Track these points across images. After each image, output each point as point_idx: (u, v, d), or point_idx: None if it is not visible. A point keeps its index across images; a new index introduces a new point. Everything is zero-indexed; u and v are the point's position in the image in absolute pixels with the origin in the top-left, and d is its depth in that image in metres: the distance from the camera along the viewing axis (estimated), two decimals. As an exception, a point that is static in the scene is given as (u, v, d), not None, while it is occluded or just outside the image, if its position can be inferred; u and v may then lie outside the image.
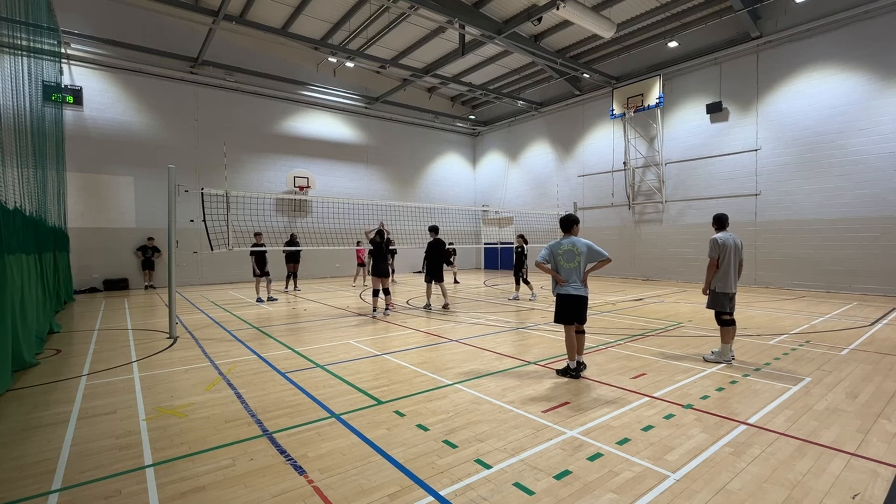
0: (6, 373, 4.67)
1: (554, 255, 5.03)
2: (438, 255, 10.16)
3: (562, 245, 4.99)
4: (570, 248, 4.94)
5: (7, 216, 5.25)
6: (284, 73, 17.86)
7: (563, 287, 4.95)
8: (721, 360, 5.46)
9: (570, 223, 5.12)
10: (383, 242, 9.14)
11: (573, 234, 5.09)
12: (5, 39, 5.99)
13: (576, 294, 4.91)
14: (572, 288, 4.91)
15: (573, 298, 4.91)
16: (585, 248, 4.92)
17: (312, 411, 4.00)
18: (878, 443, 3.29)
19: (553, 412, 3.93)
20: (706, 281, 5.55)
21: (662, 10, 14.09)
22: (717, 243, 5.45)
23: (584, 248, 4.92)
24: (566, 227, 5.14)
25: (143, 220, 15.30)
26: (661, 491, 2.68)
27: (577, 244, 4.94)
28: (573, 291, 4.91)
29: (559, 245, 5.01)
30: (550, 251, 5.06)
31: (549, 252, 5.06)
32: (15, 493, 2.74)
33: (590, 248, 4.93)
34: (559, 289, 5.00)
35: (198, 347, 6.54)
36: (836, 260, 12.44)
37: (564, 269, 4.95)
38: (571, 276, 4.92)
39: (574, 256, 4.92)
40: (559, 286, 4.99)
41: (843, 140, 12.35)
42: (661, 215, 16.59)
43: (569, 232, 5.10)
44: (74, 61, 14.15)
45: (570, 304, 4.92)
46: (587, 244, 4.94)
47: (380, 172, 21.39)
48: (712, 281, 5.50)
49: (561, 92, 19.83)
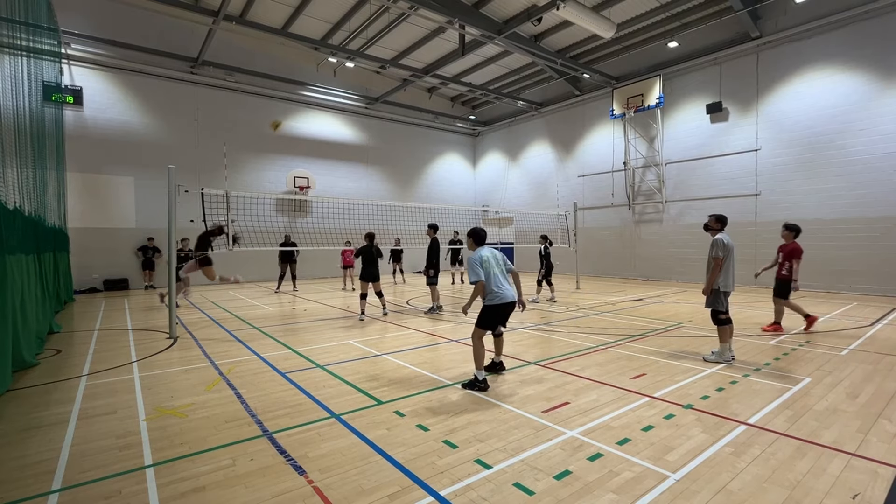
0: (6, 373, 4.67)
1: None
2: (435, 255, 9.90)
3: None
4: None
5: (7, 216, 5.25)
6: (284, 74, 17.86)
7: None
8: (721, 360, 5.47)
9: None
10: (371, 247, 8.92)
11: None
12: (5, 39, 5.99)
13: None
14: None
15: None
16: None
17: (312, 411, 4.00)
18: (878, 443, 3.29)
19: (553, 412, 3.93)
20: (710, 280, 5.55)
21: (662, 10, 14.09)
22: (724, 244, 5.48)
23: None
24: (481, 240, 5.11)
25: (143, 220, 15.29)
26: (661, 491, 2.68)
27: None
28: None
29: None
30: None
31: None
32: (15, 493, 2.74)
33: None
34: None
35: (198, 347, 6.54)
36: (836, 260, 12.44)
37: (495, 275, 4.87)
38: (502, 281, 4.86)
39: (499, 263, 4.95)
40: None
41: (843, 140, 12.35)
42: (661, 215, 16.59)
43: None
44: (74, 61, 14.15)
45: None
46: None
47: (380, 172, 21.39)
48: (715, 280, 5.52)
49: (561, 92, 19.83)
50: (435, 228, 9.92)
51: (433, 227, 9.91)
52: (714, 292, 5.54)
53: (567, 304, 10.78)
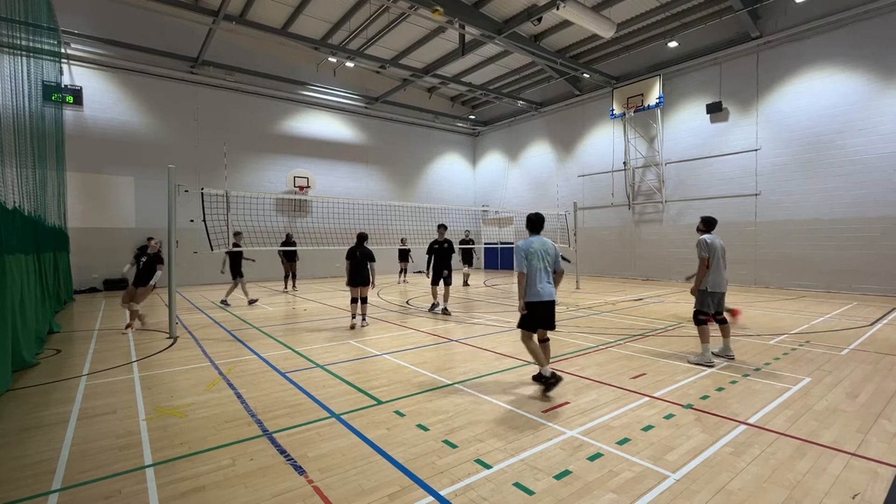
0: (6, 373, 4.67)
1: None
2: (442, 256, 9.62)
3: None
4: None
5: (6, 216, 5.25)
6: (284, 73, 17.86)
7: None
8: (702, 363, 5.36)
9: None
10: (360, 251, 8.07)
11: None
12: (5, 39, 5.99)
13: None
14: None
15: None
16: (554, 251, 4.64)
17: (312, 411, 4.00)
18: (877, 443, 3.29)
19: (553, 412, 3.93)
20: (696, 281, 5.57)
21: (662, 10, 14.09)
22: (707, 244, 5.51)
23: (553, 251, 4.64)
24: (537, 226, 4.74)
25: (143, 220, 15.29)
26: (661, 491, 2.68)
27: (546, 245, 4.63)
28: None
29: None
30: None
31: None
32: (15, 493, 2.74)
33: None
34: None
35: (198, 347, 6.54)
36: (836, 260, 12.44)
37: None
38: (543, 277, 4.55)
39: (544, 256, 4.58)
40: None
41: (842, 140, 12.35)
42: (661, 215, 16.59)
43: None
44: (74, 61, 14.15)
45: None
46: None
47: (380, 172, 21.39)
48: (703, 281, 5.52)
49: (561, 92, 19.83)
50: (443, 229, 9.69)
51: (441, 227, 9.72)
52: (701, 293, 5.54)
53: (567, 304, 10.78)
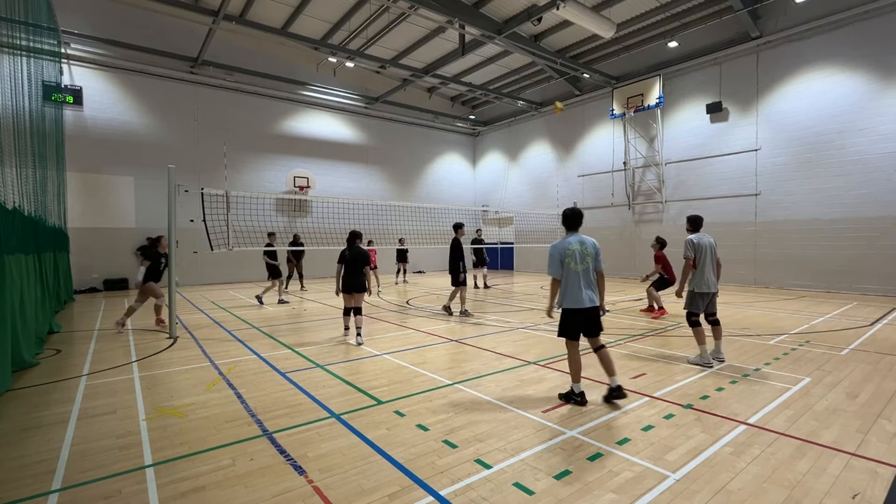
0: (6, 373, 4.66)
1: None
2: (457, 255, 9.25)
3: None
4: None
5: (6, 216, 5.25)
6: (284, 73, 17.86)
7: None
8: (700, 363, 5.32)
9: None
10: (351, 252, 6.95)
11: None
12: (5, 39, 5.99)
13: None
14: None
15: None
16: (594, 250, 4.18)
17: (312, 411, 4.00)
18: (877, 443, 3.29)
19: (553, 412, 3.93)
20: (680, 282, 5.53)
21: (662, 10, 14.09)
22: (693, 243, 5.43)
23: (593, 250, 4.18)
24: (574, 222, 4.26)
25: (143, 220, 15.29)
26: (661, 491, 2.68)
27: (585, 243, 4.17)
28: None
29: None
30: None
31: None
32: (15, 493, 2.74)
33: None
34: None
35: (198, 347, 6.54)
36: (836, 260, 12.44)
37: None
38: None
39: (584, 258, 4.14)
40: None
41: (842, 140, 12.35)
42: (661, 215, 16.59)
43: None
44: (74, 61, 14.15)
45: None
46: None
47: (380, 172, 21.39)
48: (689, 282, 5.47)
49: (561, 92, 19.82)
50: (459, 227, 9.42)
51: (457, 226, 9.44)
52: (690, 294, 5.49)
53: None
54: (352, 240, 7.01)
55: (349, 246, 6.98)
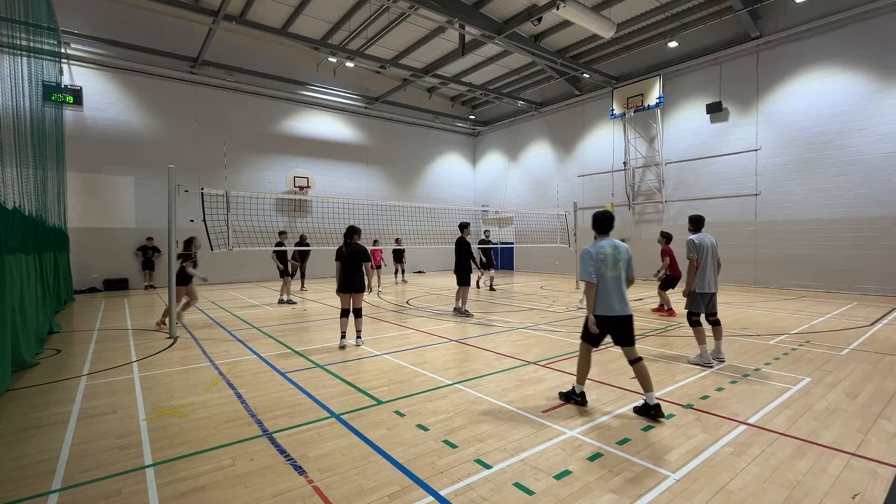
0: (6, 373, 4.67)
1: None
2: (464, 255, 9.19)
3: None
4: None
5: (6, 216, 5.25)
6: (284, 73, 17.86)
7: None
8: (701, 363, 5.34)
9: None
10: (348, 249, 6.52)
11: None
12: (5, 39, 5.99)
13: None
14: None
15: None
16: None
17: (312, 411, 4.00)
18: (877, 443, 3.29)
19: (553, 412, 3.93)
20: (687, 283, 5.54)
21: (662, 10, 14.09)
22: (695, 244, 5.45)
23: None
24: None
25: (143, 220, 15.29)
26: (661, 491, 2.68)
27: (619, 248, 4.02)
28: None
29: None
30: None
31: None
32: (15, 493, 2.74)
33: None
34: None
35: (198, 347, 6.54)
36: (836, 260, 12.44)
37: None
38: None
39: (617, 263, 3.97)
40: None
41: (842, 140, 12.35)
42: (661, 215, 16.59)
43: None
44: (74, 61, 14.15)
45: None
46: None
47: (380, 172, 21.39)
48: (691, 281, 5.48)
49: (561, 92, 19.83)
50: (466, 227, 9.37)
51: (463, 225, 9.39)
52: (691, 294, 5.51)
53: (567, 303, 10.78)
54: (349, 235, 6.61)
55: (346, 242, 6.59)
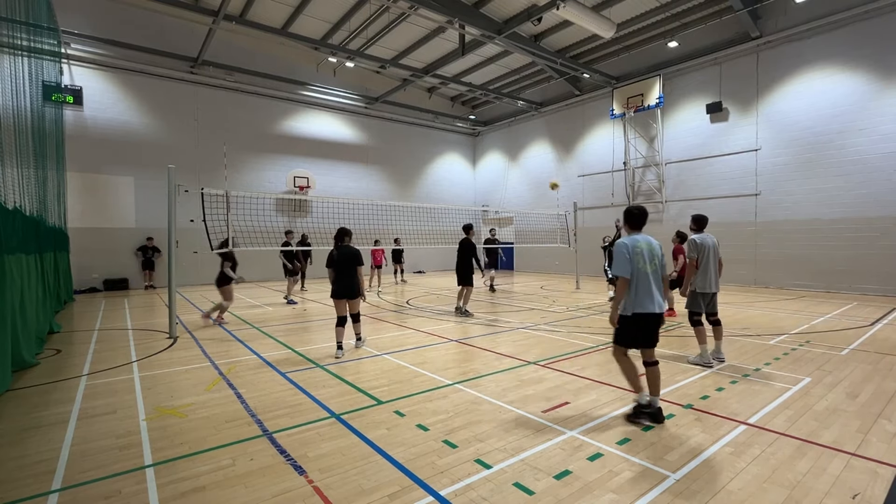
0: (6, 373, 4.67)
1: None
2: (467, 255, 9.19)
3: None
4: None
5: (7, 216, 5.25)
6: (284, 73, 17.86)
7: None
8: (701, 363, 5.35)
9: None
10: (340, 252, 6.15)
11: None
12: (5, 39, 5.99)
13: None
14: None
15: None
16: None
17: (312, 411, 4.00)
18: (878, 443, 3.29)
19: (553, 412, 3.93)
20: (685, 282, 5.55)
21: (662, 10, 14.09)
22: (696, 244, 5.45)
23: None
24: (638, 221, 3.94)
25: (143, 220, 15.29)
26: (661, 491, 2.68)
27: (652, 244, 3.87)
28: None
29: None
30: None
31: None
32: (15, 493, 2.74)
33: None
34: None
35: (198, 347, 6.54)
36: (836, 260, 12.44)
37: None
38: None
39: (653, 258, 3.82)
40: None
41: (842, 140, 12.34)
42: (661, 215, 16.58)
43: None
44: (74, 61, 14.15)
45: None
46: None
47: (380, 172, 21.39)
48: (691, 281, 5.49)
49: (561, 92, 19.83)
50: (470, 229, 9.35)
51: (467, 227, 9.35)
52: (691, 293, 5.52)
53: (567, 303, 10.78)
54: (339, 238, 6.23)
55: (337, 245, 6.23)
